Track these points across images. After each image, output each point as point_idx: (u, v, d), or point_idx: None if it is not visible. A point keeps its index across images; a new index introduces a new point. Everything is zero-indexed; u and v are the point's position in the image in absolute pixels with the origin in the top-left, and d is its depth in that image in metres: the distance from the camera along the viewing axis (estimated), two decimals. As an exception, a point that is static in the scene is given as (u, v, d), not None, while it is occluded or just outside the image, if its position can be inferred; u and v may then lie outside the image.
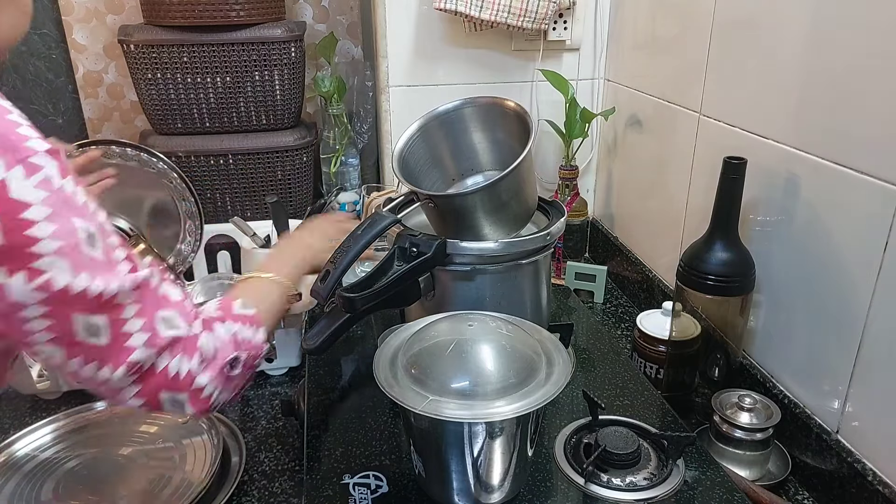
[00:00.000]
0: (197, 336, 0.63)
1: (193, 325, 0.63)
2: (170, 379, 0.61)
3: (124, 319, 0.57)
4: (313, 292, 0.79)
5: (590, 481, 0.72)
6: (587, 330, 1.06)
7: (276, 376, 1.13)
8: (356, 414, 0.85)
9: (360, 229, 0.82)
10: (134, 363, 0.58)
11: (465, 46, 1.35)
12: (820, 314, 0.84)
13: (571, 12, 1.35)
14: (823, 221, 0.82)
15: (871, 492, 0.75)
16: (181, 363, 0.62)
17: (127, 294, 0.57)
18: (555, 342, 0.72)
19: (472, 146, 0.97)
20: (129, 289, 0.57)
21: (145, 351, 0.59)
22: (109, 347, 0.57)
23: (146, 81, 1.34)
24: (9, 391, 1.08)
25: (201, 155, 1.39)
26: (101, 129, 1.61)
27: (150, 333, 0.59)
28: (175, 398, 0.62)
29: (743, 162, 0.85)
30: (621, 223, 1.41)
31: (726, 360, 0.94)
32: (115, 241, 0.58)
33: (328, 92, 1.45)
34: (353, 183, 1.55)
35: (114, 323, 0.57)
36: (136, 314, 0.58)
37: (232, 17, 1.30)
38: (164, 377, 0.61)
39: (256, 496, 0.87)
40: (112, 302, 0.56)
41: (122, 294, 0.57)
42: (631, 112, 1.32)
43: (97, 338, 0.56)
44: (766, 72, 0.91)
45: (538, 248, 0.87)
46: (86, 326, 0.55)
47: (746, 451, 0.85)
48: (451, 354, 0.66)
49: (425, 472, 0.71)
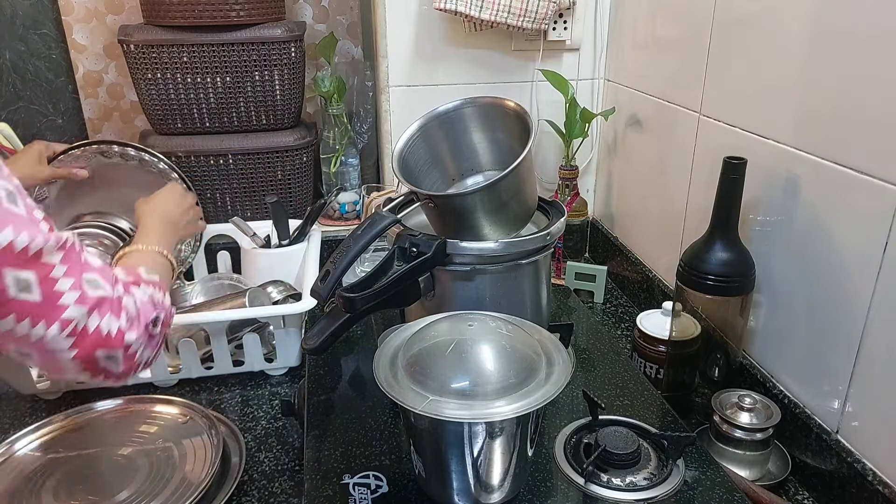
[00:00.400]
0: (121, 297, 0.66)
1: (116, 287, 0.66)
2: (103, 337, 0.63)
3: (54, 278, 0.60)
4: (313, 292, 0.79)
5: (590, 481, 0.72)
6: (587, 330, 1.06)
7: (276, 376, 1.14)
8: (356, 414, 0.85)
9: (360, 229, 0.82)
10: (67, 321, 0.60)
11: (465, 46, 1.35)
12: (820, 314, 0.84)
13: (571, 12, 1.35)
14: (823, 221, 0.83)
15: (871, 492, 0.75)
16: (111, 322, 0.64)
17: (52, 252, 0.59)
18: (555, 342, 0.72)
19: (472, 146, 0.97)
20: (54, 246, 0.60)
21: (77, 309, 0.61)
22: (42, 304, 0.59)
23: (146, 81, 1.34)
24: (9, 391, 1.08)
25: (201, 155, 1.39)
26: (101, 129, 1.61)
27: (80, 292, 0.61)
28: (109, 355, 0.65)
29: (743, 162, 0.85)
30: (621, 223, 1.41)
31: (726, 360, 0.94)
32: (32, 202, 0.60)
33: (328, 92, 1.45)
34: (353, 183, 1.55)
35: (43, 280, 0.59)
36: (65, 274, 0.60)
37: (232, 17, 1.30)
38: (97, 335, 0.63)
39: (256, 496, 0.87)
40: (39, 258, 0.58)
41: (47, 251, 0.59)
42: (631, 112, 1.32)
43: (29, 293, 0.58)
44: (766, 72, 0.91)
45: (538, 248, 0.87)
46: (16, 281, 0.57)
47: (746, 451, 0.85)
48: (451, 354, 0.66)
49: (425, 472, 0.71)
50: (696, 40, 1.06)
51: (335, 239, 1.43)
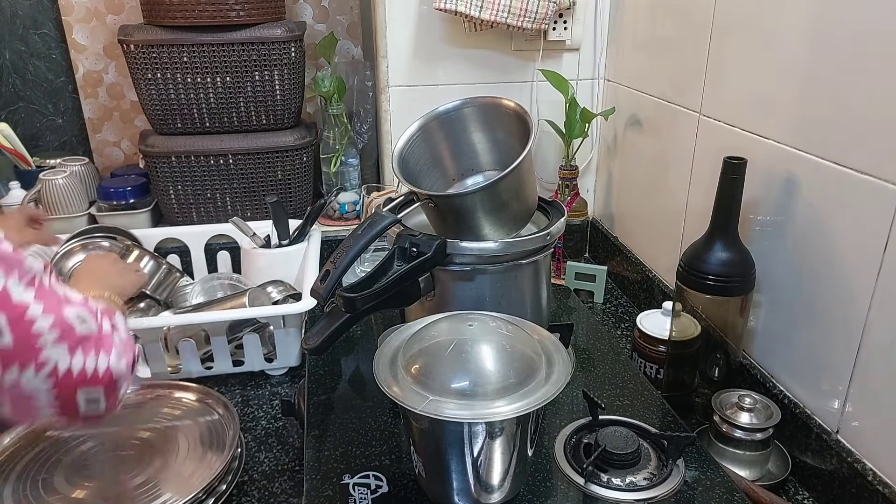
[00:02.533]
0: (110, 334, 0.63)
1: (103, 322, 0.63)
2: (88, 378, 0.60)
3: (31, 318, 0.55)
4: (313, 292, 0.79)
5: (590, 481, 0.72)
6: (587, 330, 1.06)
7: (276, 376, 1.13)
8: (356, 414, 0.85)
9: (360, 229, 0.82)
10: (44, 362, 0.56)
11: (465, 46, 1.35)
12: (820, 314, 0.84)
13: (571, 12, 1.35)
14: (823, 221, 0.83)
15: (870, 492, 0.75)
16: (98, 360, 0.61)
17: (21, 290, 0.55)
18: (555, 342, 0.72)
19: (472, 146, 0.97)
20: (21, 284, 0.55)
21: (56, 349, 0.57)
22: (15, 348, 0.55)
23: (146, 81, 1.34)
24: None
25: (201, 155, 1.39)
26: (101, 128, 1.61)
27: (60, 330, 0.57)
28: (90, 398, 0.61)
29: (743, 162, 0.85)
30: (621, 223, 1.41)
31: (726, 360, 0.94)
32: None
33: (328, 92, 1.45)
34: (353, 183, 1.55)
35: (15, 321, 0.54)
36: (43, 311, 0.57)
37: (232, 17, 1.30)
38: (82, 377, 0.59)
39: (256, 496, 0.87)
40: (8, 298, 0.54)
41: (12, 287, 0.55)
42: (631, 112, 1.32)
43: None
44: (766, 72, 0.91)
45: (538, 248, 0.87)
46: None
47: (746, 451, 0.85)
48: (451, 354, 0.66)
49: (425, 472, 0.71)
50: (696, 40, 1.06)
51: (335, 239, 1.43)
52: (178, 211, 1.44)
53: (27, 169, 1.47)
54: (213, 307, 1.14)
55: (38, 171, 1.45)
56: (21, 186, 1.42)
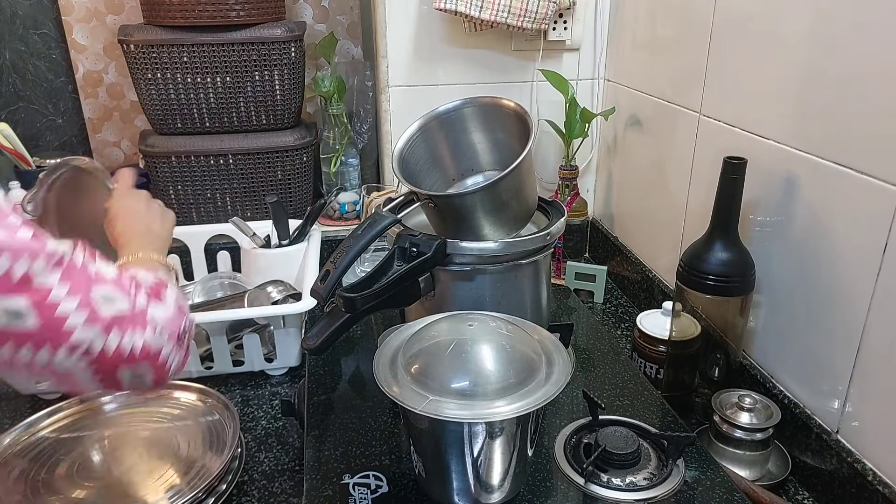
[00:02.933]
0: (144, 310, 0.62)
1: (138, 297, 0.62)
2: (125, 356, 0.59)
3: (54, 302, 0.55)
4: (313, 292, 0.79)
5: (590, 481, 0.72)
6: (587, 330, 1.06)
7: (276, 376, 1.13)
8: (356, 414, 0.85)
9: (360, 229, 0.82)
10: (76, 344, 0.56)
11: (465, 46, 1.35)
12: (820, 314, 0.84)
13: (571, 12, 1.35)
14: (823, 221, 0.83)
15: (870, 492, 0.75)
16: (133, 338, 0.60)
17: (45, 272, 0.55)
18: (555, 342, 0.72)
19: (472, 146, 0.97)
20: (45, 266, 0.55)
21: (87, 330, 0.57)
22: (41, 331, 0.54)
23: (146, 81, 1.34)
24: (8, 391, 1.08)
25: (201, 155, 1.39)
26: (101, 128, 1.61)
27: (88, 311, 0.57)
28: (135, 373, 0.61)
29: (743, 162, 0.85)
30: (621, 223, 1.41)
31: (726, 360, 0.94)
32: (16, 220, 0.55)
33: (328, 92, 1.45)
34: (353, 183, 1.55)
35: (38, 304, 0.54)
36: (68, 293, 0.56)
37: (232, 17, 1.30)
38: (118, 354, 0.59)
39: (256, 496, 0.87)
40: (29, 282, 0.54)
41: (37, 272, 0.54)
42: (631, 112, 1.32)
43: (21, 321, 0.54)
44: (766, 72, 0.91)
45: (538, 248, 0.87)
46: (4, 312, 0.53)
47: (746, 451, 0.85)
48: (451, 354, 0.66)
49: (425, 472, 0.71)
50: (696, 40, 1.06)
51: (335, 239, 1.43)
52: (178, 211, 1.44)
53: (27, 169, 1.47)
54: (212, 307, 1.14)
55: (38, 171, 1.44)
56: (21, 186, 1.42)
